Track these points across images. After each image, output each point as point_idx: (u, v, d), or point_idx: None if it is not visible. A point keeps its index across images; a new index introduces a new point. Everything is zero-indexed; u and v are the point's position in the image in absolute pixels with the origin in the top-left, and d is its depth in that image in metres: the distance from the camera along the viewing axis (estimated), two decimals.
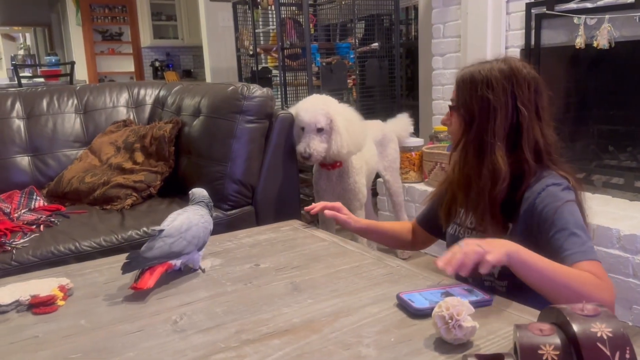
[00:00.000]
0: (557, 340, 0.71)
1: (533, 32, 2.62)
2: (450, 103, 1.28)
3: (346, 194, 2.13)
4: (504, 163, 1.16)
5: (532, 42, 2.63)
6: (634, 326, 2.04)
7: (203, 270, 1.18)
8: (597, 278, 0.99)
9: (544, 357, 0.70)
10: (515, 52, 2.72)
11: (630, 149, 2.65)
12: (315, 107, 1.96)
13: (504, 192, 1.17)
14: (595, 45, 2.30)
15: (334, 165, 2.13)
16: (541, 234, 1.11)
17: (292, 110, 2.04)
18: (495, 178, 1.16)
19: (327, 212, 1.48)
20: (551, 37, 2.57)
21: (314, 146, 1.97)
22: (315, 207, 1.51)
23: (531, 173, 1.17)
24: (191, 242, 1.13)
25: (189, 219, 1.16)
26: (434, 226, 1.41)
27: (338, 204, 1.51)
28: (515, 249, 0.98)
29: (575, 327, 0.70)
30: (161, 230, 1.12)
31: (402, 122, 2.86)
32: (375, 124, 2.62)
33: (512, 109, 1.18)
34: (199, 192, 1.27)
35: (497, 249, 0.96)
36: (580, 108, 2.79)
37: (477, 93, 1.19)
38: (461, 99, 1.23)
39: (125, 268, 1.06)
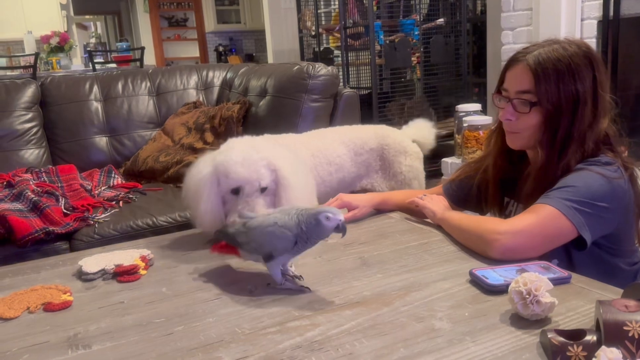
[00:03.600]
0: None
1: (612, 1, 2.46)
2: (508, 94, 1.16)
3: None
4: (575, 160, 1.11)
5: (611, 13, 2.48)
6: None
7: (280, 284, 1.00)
8: (501, 222, 1.09)
9: (630, 334, 0.67)
10: (591, 24, 2.58)
11: None
12: (252, 158, 1.29)
13: None
14: None
15: None
16: None
17: (208, 164, 1.31)
18: (563, 176, 1.10)
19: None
20: (631, 6, 2.41)
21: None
22: None
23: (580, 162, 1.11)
24: (249, 243, 0.99)
25: (263, 221, 0.98)
26: (461, 199, 1.39)
27: (343, 201, 1.37)
28: (442, 211, 1.25)
29: None
30: (251, 219, 1.03)
31: (420, 127, 2.06)
32: (369, 130, 1.92)
33: (595, 98, 1.10)
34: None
35: (436, 207, 1.28)
36: None
37: (565, 85, 1.09)
38: (545, 92, 1.10)
39: (215, 235, 1.10)
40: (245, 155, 1.29)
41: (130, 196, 1.89)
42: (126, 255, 1.17)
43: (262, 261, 0.99)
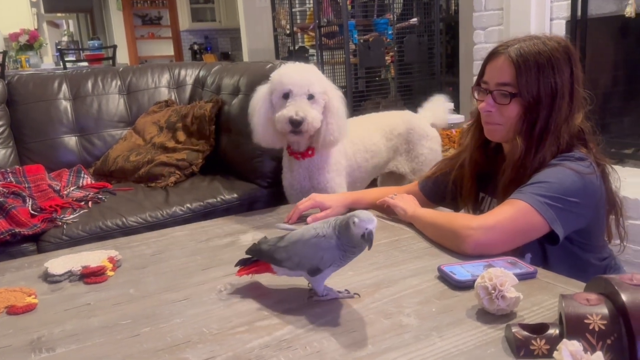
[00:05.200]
0: (604, 310, 0.70)
1: (580, 2, 2.51)
2: (488, 86, 1.17)
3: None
4: (550, 154, 1.13)
5: (579, 13, 2.52)
6: None
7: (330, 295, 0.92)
8: (474, 218, 1.10)
9: (591, 327, 0.68)
10: (560, 23, 2.62)
11: None
12: (307, 71, 1.49)
13: None
14: None
15: (304, 153, 1.61)
16: None
17: (272, 75, 1.53)
18: (538, 170, 1.12)
19: (309, 220, 1.31)
20: (599, 6, 2.46)
21: (308, 111, 1.44)
22: (292, 216, 1.35)
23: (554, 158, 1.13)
24: (290, 258, 0.90)
25: (303, 233, 0.90)
26: (437, 196, 1.40)
27: (315, 201, 1.37)
28: (413, 209, 1.26)
29: (624, 297, 0.68)
30: (288, 232, 0.95)
31: (436, 108, 2.24)
32: (397, 115, 2.10)
33: (572, 92, 1.13)
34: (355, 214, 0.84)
35: (406, 205, 1.28)
36: (629, 81, 2.68)
37: (545, 78, 1.11)
38: (525, 84, 1.12)
39: (247, 252, 0.98)
40: (300, 66, 1.51)
41: (100, 196, 1.85)
42: (93, 256, 1.15)
43: (305, 276, 0.91)
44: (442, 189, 1.38)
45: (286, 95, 1.46)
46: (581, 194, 1.07)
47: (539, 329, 0.72)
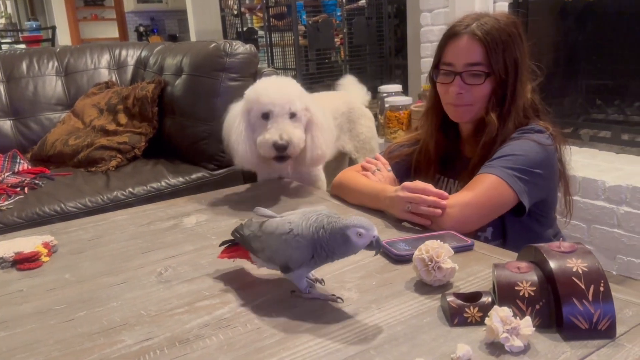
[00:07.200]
0: (534, 277, 0.72)
1: None
2: (455, 68, 1.16)
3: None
4: (513, 128, 1.15)
5: None
6: (617, 275, 2.09)
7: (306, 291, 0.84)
8: (450, 197, 1.06)
9: (521, 293, 0.71)
10: (503, 5, 2.68)
11: (618, 102, 2.65)
12: (286, 87, 1.34)
13: None
14: None
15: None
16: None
17: (240, 100, 1.39)
18: (502, 144, 1.14)
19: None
20: None
21: (292, 132, 1.30)
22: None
23: (515, 131, 1.16)
24: (264, 250, 0.84)
25: (278, 226, 0.82)
26: (394, 182, 1.38)
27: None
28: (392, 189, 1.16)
29: (552, 264, 0.71)
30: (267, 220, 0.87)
31: (353, 87, 2.32)
32: (338, 96, 2.18)
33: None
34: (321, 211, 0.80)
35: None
36: (568, 62, 2.77)
37: (510, 53, 1.13)
38: (496, 62, 1.13)
39: (232, 234, 0.92)
40: (278, 81, 1.37)
41: (37, 182, 1.78)
42: (27, 242, 1.10)
43: (279, 270, 0.85)
44: (401, 174, 1.35)
45: (265, 116, 1.31)
46: (544, 165, 1.10)
47: (472, 298, 0.74)
